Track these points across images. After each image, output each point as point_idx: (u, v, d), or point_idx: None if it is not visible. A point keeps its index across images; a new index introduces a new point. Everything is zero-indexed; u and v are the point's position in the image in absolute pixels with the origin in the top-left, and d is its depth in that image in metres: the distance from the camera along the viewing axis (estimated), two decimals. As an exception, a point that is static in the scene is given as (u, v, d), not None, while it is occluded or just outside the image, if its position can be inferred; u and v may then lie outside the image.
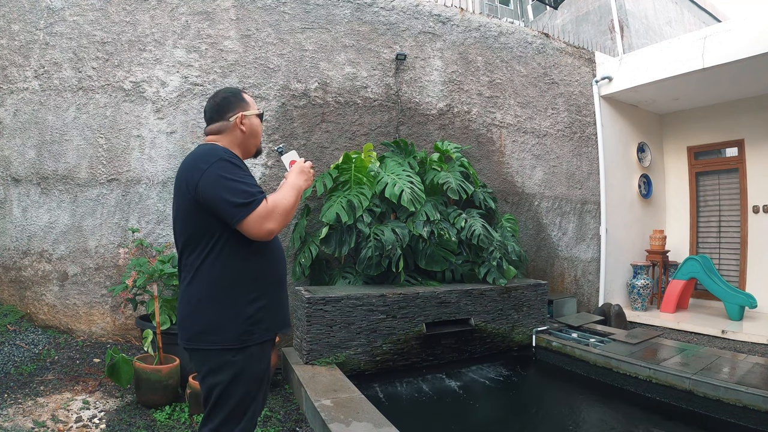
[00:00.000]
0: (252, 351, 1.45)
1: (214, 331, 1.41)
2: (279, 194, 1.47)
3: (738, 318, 5.02)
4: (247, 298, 1.45)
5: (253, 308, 1.45)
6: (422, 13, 4.76)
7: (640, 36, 8.44)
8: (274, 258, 1.58)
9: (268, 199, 1.41)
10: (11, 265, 3.68)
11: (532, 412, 3.30)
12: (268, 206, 1.39)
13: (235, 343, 1.41)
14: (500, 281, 4.02)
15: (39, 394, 2.76)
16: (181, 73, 3.84)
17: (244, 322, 1.43)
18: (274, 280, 1.55)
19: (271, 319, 1.52)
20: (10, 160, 3.68)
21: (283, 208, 1.43)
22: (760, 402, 2.72)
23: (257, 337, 1.46)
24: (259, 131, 1.67)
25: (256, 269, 1.49)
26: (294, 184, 1.53)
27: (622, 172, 6.07)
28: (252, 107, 1.64)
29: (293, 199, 1.48)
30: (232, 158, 1.44)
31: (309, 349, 3.21)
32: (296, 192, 1.51)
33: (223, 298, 1.42)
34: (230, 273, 1.43)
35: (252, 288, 1.46)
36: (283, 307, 1.61)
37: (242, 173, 1.43)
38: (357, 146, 4.33)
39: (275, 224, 1.40)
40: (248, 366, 1.45)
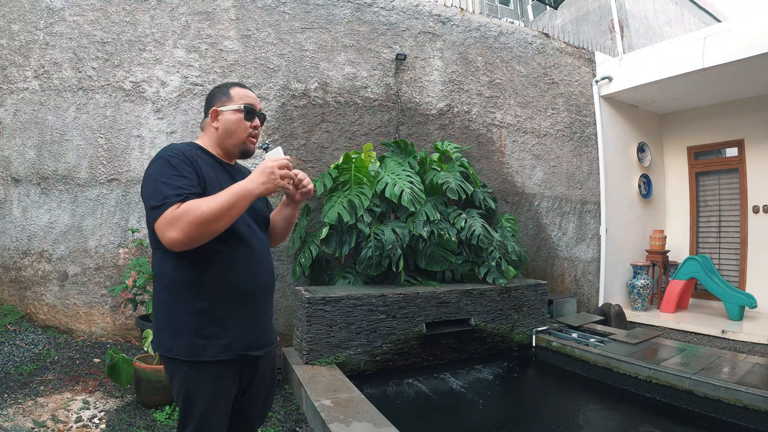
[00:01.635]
0: (206, 368, 1.30)
1: (168, 339, 1.32)
2: (205, 198, 1.24)
3: (738, 318, 5.02)
4: (196, 307, 1.31)
5: (204, 320, 1.30)
6: (422, 13, 4.76)
7: (640, 36, 8.43)
8: (244, 263, 1.38)
9: (184, 203, 1.21)
10: (11, 265, 3.68)
11: (533, 412, 3.30)
12: (175, 212, 1.19)
13: (186, 356, 1.29)
14: (500, 281, 4.02)
15: (39, 394, 2.76)
16: (181, 73, 3.84)
17: (194, 334, 1.29)
18: (239, 290, 1.36)
19: (232, 336, 1.33)
20: (10, 160, 3.68)
21: (196, 216, 1.18)
22: (760, 402, 2.72)
23: (211, 354, 1.30)
24: (235, 129, 1.45)
25: (213, 276, 1.32)
26: (240, 188, 1.25)
27: (622, 172, 6.07)
28: (234, 101, 1.45)
29: (220, 205, 1.21)
30: (173, 156, 1.30)
31: (309, 349, 3.21)
32: (235, 197, 1.23)
33: (173, 304, 1.33)
34: (181, 276, 1.32)
35: (204, 297, 1.31)
36: (254, 325, 1.40)
37: (172, 172, 1.26)
38: (357, 146, 4.33)
39: (178, 233, 1.18)
40: (202, 383, 1.31)
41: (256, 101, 1.50)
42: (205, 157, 1.42)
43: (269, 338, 1.47)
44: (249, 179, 1.28)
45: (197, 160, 1.36)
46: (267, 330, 1.47)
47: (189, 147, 1.40)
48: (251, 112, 1.47)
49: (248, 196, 1.26)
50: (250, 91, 1.51)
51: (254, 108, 1.48)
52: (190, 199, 1.23)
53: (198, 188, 1.29)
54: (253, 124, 1.48)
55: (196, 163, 1.35)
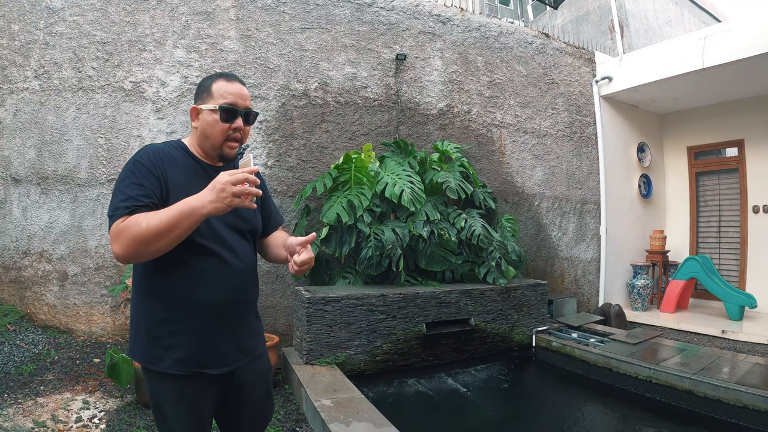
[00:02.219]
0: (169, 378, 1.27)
1: (132, 341, 1.33)
2: (150, 214, 1.15)
3: (738, 318, 5.02)
4: (156, 315, 1.27)
5: (163, 330, 1.27)
6: (422, 13, 4.76)
7: (640, 36, 8.43)
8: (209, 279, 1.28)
9: (129, 218, 1.15)
10: (11, 265, 3.68)
11: (533, 412, 3.30)
12: (119, 226, 1.14)
13: (143, 362, 1.28)
14: (500, 281, 4.02)
15: (39, 394, 2.76)
16: (181, 73, 3.84)
17: (152, 341, 1.27)
18: (200, 306, 1.27)
19: (187, 352, 1.26)
20: (10, 160, 3.68)
21: (134, 233, 1.11)
22: (760, 402, 2.72)
23: (166, 365, 1.25)
24: (211, 132, 1.30)
25: (172, 287, 1.27)
26: (186, 205, 1.13)
27: (622, 172, 6.07)
28: (213, 99, 1.30)
29: (161, 224, 1.11)
30: (137, 161, 1.24)
31: (309, 349, 3.21)
32: (178, 216, 1.12)
33: (138, 309, 1.32)
34: (146, 283, 1.30)
35: (164, 306, 1.27)
36: (214, 343, 1.30)
37: (131, 180, 1.20)
38: (357, 146, 4.33)
39: (119, 248, 1.13)
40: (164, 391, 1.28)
41: (239, 97, 1.31)
42: (183, 158, 1.33)
43: (232, 358, 1.34)
44: (197, 196, 1.14)
45: (168, 164, 1.27)
46: (230, 350, 1.34)
47: (167, 147, 1.33)
48: (230, 111, 1.29)
49: (193, 216, 1.12)
50: (237, 84, 1.34)
51: (234, 107, 1.30)
52: (139, 211, 1.16)
53: (153, 198, 1.21)
54: (233, 126, 1.31)
55: (162, 167, 1.25)
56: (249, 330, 1.43)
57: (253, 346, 1.44)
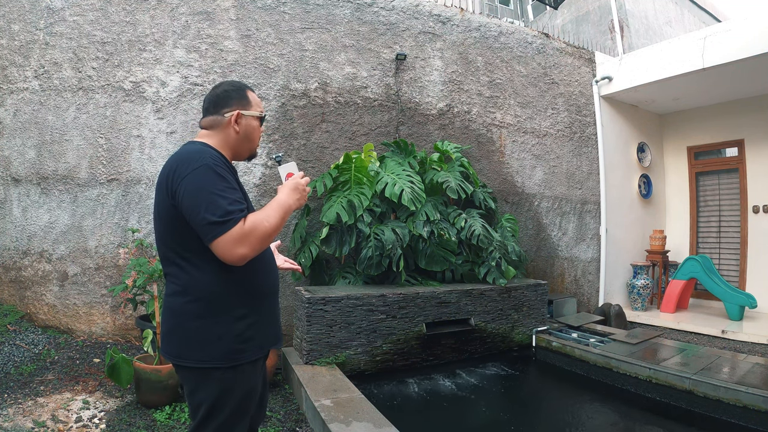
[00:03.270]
0: (243, 369, 1.34)
1: (201, 349, 1.29)
2: (262, 214, 1.27)
3: (738, 318, 5.02)
4: (235, 314, 1.32)
5: (243, 325, 1.33)
6: (422, 13, 4.76)
7: (640, 36, 8.43)
8: (266, 269, 1.45)
9: (248, 219, 1.23)
10: (11, 265, 3.68)
11: (532, 412, 3.30)
12: (244, 228, 1.21)
13: (224, 362, 1.30)
14: (500, 281, 4.02)
15: (39, 394, 2.76)
16: (181, 73, 3.84)
17: (233, 340, 1.31)
18: (266, 293, 1.43)
19: (263, 335, 1.40)
20: (10, 160, 3.68)
21: (262, 231, 1.24)
22: (760, 402, 2.72)
23: (249, 355, 1.34)
24: (255, 135, 1.49)
25: (246, 282, 1.36)
26: (283, 202, 1.34)
27: (622, 172, 6.07)
28: (254, 107, 1.47)
29: (277, 221, 1.29)
30: (217, 165, 1.28)
31: (309, 349, 3.21)
32: (283, 212, 1.32)
33: (209, 314, 1.30)
34: (216, 286, 1.31)
35: (241, 303, 1.34)
36: (275, 322, 1.49)
37: (224, 184, 1.26)
38: (357, 146, 4.33)
39: (248, 249, 1.22)
40: (237, 385, 1.34)
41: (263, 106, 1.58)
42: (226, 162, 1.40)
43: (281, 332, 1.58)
44: (287, 195, 1.37)
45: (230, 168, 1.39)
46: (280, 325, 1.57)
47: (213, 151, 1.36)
48: (263, 120, 1.53)
49: (290, 211, 1.36)
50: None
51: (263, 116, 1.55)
52: (248, 213, 1.27)
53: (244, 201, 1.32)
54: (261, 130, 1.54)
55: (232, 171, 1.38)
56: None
57: None
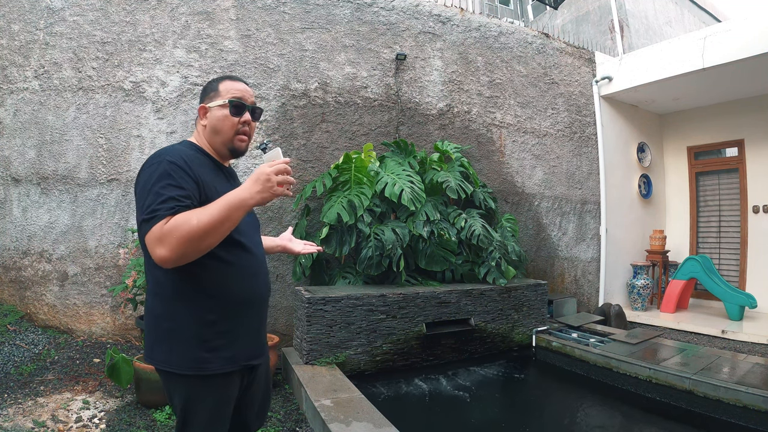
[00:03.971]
0: (212, 381, 1.25)
1: (166, 352, 1.24)
2: (196, 211, 1.12)
3: (738, 318, 5.02)
4: (202, 319, 1.23)
5: (210, 332, 1.24)
6: (422, 13, 4.76)
7: (640, 36, 8.43)
8: (248, 273, 1.32)
9: (173, 218, 1.11)
10: (11, 265, 3.68)
11: (532, 412, 3.30)
12: (163, 228, 1.09)
13: (187, 369, 1.22)
14: (500, 281, 4.02)
15: (39, 394, 2.76)
16: (181, 73, 3.84)
17: (198, 347, 1.22)
18: (243, 300, 1.30)
19: (238, 347, 1.29)
20: (10, 160, 3.68)
21: (184, 232, 1.08)
22: (760, 402, 2.72)
23: (216, 366, 1.24)
24: (223, 126, 1.34)
25: (215, 287, 1.25)
26: (232, 197, 1.13)
27: (622, 172, 6.07)
28: (221, 96, 1.34)
29: (211, 220, 1.10)
30: (172, 162, 1.20)
31: (309, 349, 3.21)
32: (228, 208, 1.12)
33: (174, 316, 1.24)
34: (183, 288, 1.23)
35: (209, 308, 1.24)
36: (256, 335, 1.36)
37: (166, 182, 1.16)
38: (357, 146, 4.33)
39: (166, 251, 1.09)
40: (206, 396, 1.25)
41: (246, 94, 1.37)
42: (202, 158, 1.34)
43: (265, 347, 1.45)
44: (243, 188, 1.15)
45: (197, 165, 1.27)
46: (264, 339, 1.44)
47: (186, 149, 1.32)
48: (239, 106, 1.35)
49: (242, 207, 1.14)
50: (243, 83, 1.39)
51: (242, 102, 1.35)
52: (182, 211, 1.13)
53: (194, 199, 1.19)
54: (242, 120, 1.35)
55: (197, 168, 1.26)
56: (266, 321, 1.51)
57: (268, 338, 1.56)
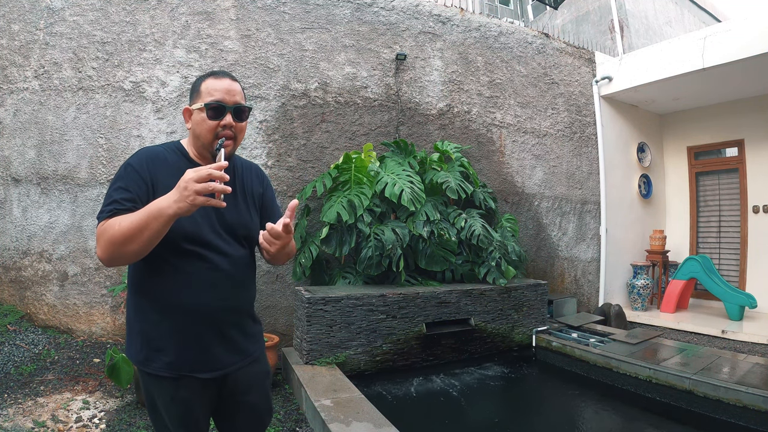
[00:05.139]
0: (161, 381, 1.27)
1: (128, 342, 1.34)
2: (123, 217, 1.13)
3: (738, 318, 5.02)
4: (148, 317, 1.28)
5: (154, 332, 1.27)
6: (422, 13, 4.76)
7: (640, 36, 8.43)
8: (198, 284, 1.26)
9: (107, 221, 1.14)
10: (11, 265, 3.68)
11: (533, 412, 3.30)
12: (100, 229, 1.15)
13: (137, 363, 1.30)
14: (500, 281, 4.02)
15: (39, 394, 2.76)
16: (181, 73, 3.84)
17: (145, 343, 1.28)
18: (189, 310, 1.26)
19: (178, 355, 1.26)
20: (10, 160, 3.68)
21: (108, 235, 1.11)
22: (760, 402, 2.72)
23: (156, 367, 1.26)
24: (200, 131, 1.29)
25: (164, 290, 1.26)
26: (153, 206, 1.09)
27: (622, 172, 6.07)
28: (201, 98, 1.28)
29: (130, 227, 1.09)
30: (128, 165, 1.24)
31: (309, 349, 3.21)
32: (146, 218, 1.08)
33: (131, 308, 1.33)
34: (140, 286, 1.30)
35: (155, 309, 1.27)
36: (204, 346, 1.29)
37: (117, 184, 1.21)
38: (357, 146, 4.33)
39: (100, 251, 1.14)
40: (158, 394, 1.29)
41: (227, 93, 1.28)
42: (177, 161, 1.30)
43: (224, 362, 1.32)
44: (165, 196, 1.09)
45: (159, 167, 1.26)
46: (220, 353, 1.31)
47: (162, 149, 1.32)
48: (216, 109, 1.26)
49: (160, 217, 1.08)
50: (227, 80, 1.31)
51: (221, 103, 1.26)
52: (120, 214, 1.15)
53: (137, 202, 1.18)
54: (221, 123, 1.27)
55: (153, 170, 1.24)
56: (243, 334, 1.39)
57: (249, 350, 1.41)
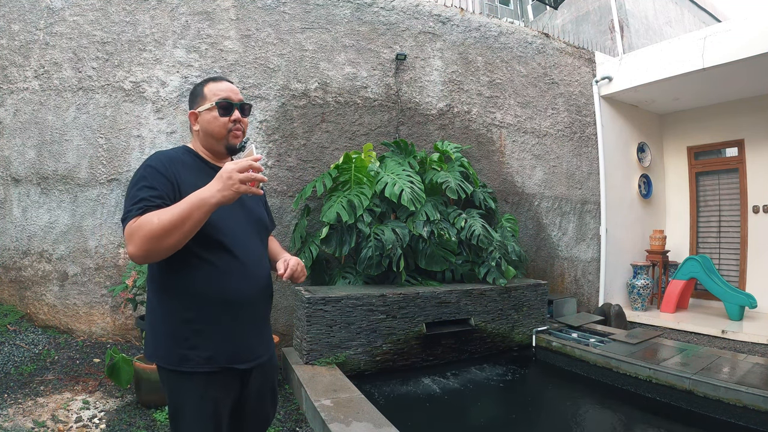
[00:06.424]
0: (195, 378, 1.27)
1: (152, 345, 1.32)
2: (161, 211, 1.16)
3: (738, 318, 5.02)
4: (181, 316, 1.27)
5: (187, 330, 1.27)
6: (422, 13, 4.76)
7: (640, 36, 8.43)
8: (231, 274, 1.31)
9: (141, 217, 1.17)
10: (11, 265, 3.68)
11: (533, 412, 3.30)
12: (132, 226, 1.16)
13: (170, 364, 1.27)
14: (500, 281, 4.02)
15: (39, 394, 2.76)
16: (181, 73, 3.84)
17: (178, 343, 1.27)
18: (224, 301, 1.30)
19: (216, 348, 1.29)
20: (10, 160, 3.68)
21: (148, 230, 1.13)
22: (760, 402, 2.72)
23: (193, 365, 1.26)
24: (214, 127, 1.38)
25: (192, 285, 1.27)
26: (195, 197, 1.15)
27: (622, 172, 6.07)
28: (207, 99, 1.38)
29: (172, 219, 1.13)
30: (149, 166, 1.27)
31: (309, 349, 3.21)
32: (189, 208, 1.14)
33: (158, 310, 1.31)
34: (165, 283, 1.30)
35: (187, 306, 1.27)
36: (241, 337, 1.34)
37: (143, 183, 1.24)
38: (357, 146, 4.33)
39: (134, 248, 1.14)
40: (190, 393, 1.28)
41: (231, 93, 1.40)
42: (192, 161, 1.38)
43: (257, 352, 1.39)
44: (206, 187, 1.16)
45: (179, 167, 1.31)
46: (255, 344, 1.39)
47: (176, 152, 1.38)
48: (226, 107, 1.38)
49: (203, 206, 1.14)
50: (226, 83, 1.42)
51: (229, 101, 1.38)
52: (151, 211, 1.17)
53: (166, 199, 1.22)
54: (231, 118, 1.39)
55: (175, 169, 1.29)
56: (267, 326, 1.49)
57: (272, 343, 1.51)
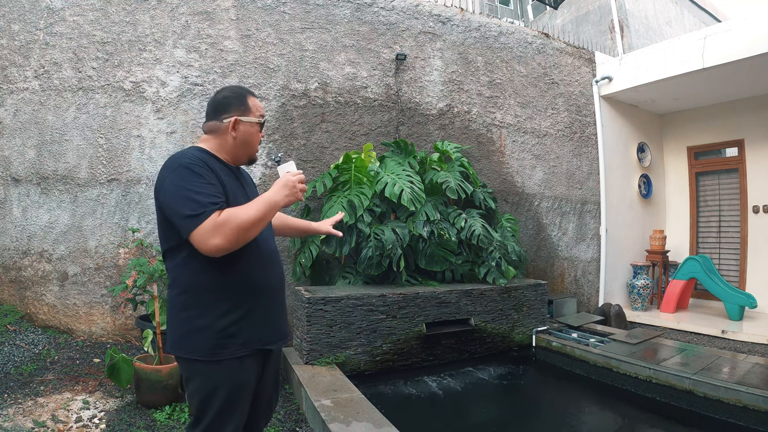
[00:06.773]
0: (228, 364, 1.37)
1: (186, 340, 1.37)
2: (240, 207, 1.32)
3: (738, 318, 5.02)
4: (218, 309, 1.36)
5: (225, 321, 1.36)
6: (422, 13, 4.76)
7: (640, 36, 8.43)
8: (258, 265, 1.45)
9: (223, 212, 1.28)
10: (11, 265, 3.68)
11: (533, 412, 3.30)
12: (218, 220, 1.26)
13: (206, 356, 1.35)
14: (500, 281, 4.02)
15: (39, 394, 2.76)
16: (181, 73, 3.84)
17: (215, 335, 1.35)
18: (255, 289, 1.43)
19: (250, 333, 1.41)
20: (10, 160, 3.68)
21: (238, 223, 1.27)
22: (760, 402, 2.72)
23: (231, 352, 1.36)
24: (253, 141, 1.52)
25: (230, 277, 1.38)
26: (267, 198, 1.36)
27: (622, 172, 6.07)
28: (253, 113, 1.50)
29: (256, 214, 1.31)
30: (193, 164, 1.34)
31: (309, 349, 3.21)
32: (266, 207, 1.34)
33: (193, 307, 1.36)
34: (201, 280, 1.36)
35: (224, 299, 1.37)
36: (269, 320, 1.48)
37: (200, 181, 1.31)
38: (357, 146, 4.33)
39: (222, 240, 1.25)
40: (222, 379, 1.36)
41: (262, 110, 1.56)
42: (216, 163, 1.45)
43: (283, 332, 1.56)
44: (274, 192, 1.38)
45: (213, 168, 1.39)
46: (281, 324, 1.55)
47: (200, 153, 1.42)
48: (263, 125, 1.56)
49: (275, 207, 1.37)
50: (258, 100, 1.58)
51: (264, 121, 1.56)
52: (224, 208, 1.30)
53: (222, 197, 1.34)
54: (262, 135, 1.57)
55: (215, 170, 1.39)
56: (284, 310, 1.61)
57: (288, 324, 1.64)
